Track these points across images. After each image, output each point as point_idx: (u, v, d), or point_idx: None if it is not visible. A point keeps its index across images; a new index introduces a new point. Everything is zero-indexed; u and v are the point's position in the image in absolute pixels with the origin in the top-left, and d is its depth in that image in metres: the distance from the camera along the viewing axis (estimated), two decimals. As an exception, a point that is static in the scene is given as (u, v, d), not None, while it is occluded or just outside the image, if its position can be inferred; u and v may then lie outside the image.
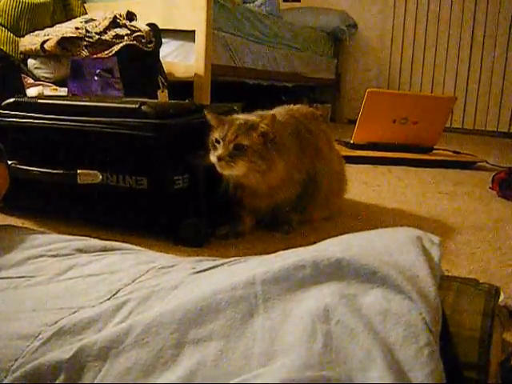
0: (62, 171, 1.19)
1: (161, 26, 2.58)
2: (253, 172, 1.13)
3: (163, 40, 2.62)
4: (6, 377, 0.51)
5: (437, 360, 0.44)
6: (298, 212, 1.30)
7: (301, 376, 0.41)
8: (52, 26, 2.59)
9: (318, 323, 0.47)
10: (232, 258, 0.69)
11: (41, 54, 2.39)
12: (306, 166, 1.24)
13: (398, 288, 0.49)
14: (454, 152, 2.68)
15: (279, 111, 1.29)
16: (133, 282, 0.65)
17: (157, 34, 2.52)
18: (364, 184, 1.96)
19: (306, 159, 1.24)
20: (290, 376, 0.41)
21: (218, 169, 1.11)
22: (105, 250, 0.80)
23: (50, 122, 1.24)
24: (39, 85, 2.26)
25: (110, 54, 2.29)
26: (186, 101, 1.50)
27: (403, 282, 0.50)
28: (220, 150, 1.09)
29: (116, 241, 0.86)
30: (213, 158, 1.11)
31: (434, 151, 2.65)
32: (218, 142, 1.11)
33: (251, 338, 0.48)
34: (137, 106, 1.16)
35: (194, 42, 2.70)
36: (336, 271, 0.52)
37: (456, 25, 4.29)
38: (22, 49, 2.50)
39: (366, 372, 0.42)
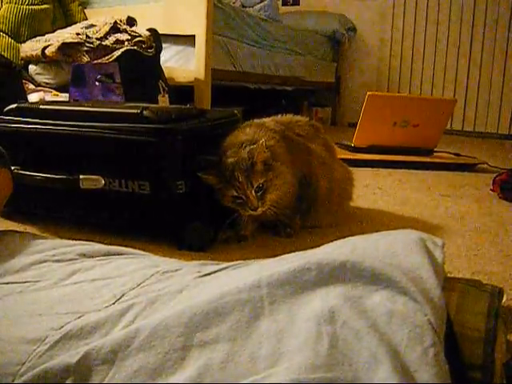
0: (64, 176, 1.20)
1: (161, 31, 2.59)
2: None
3: (163, 45, 2.63)
4: (13, 381, 0.51)
5: (442, 361, 0.44)
6: (299, 215, 1.30)
7: (307, 377, 0.41)
8: (53, 31, 2.59)
9: (324, 325, 0.47)
10: (236, 262, 0.69)
11: (42, 59, 2.39)
12: (297, 165, 1.24)
13: (403, 289, 0.50)
14: (455, 154, 2.68)
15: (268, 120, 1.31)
16: (137, 286, 0.65)
17: (157, 39, 2.52)
18: (365, 187, 1.96)
19: (297, 159, 1.25)
20: (297, 377, 0.41)
21: (254, 214, 1.15)
22: (108, 254, 0.80)
23: (52, 128, 1.24)
24: (40, 90, 2.27)
25: (111, 60, 2.29)
26: (187, 105, 1.51)
27: (408, 283, 0.50)
28: (250, 203, 1.13)
29: (119, 245, 0.86)
30: (247, 212, 1.15)
31: (435, 154, 2.66)
32: (239, 197, 1.13)
33: (257, 340, 0.48)
34: (138, 111, 1.17)
35: (194, 46, 2.71)
36: (341, 274, 0.52)
37: (455, 27, 4.30)
38: (22, 55, 2.51)
39: (372, 373, 0.42)
